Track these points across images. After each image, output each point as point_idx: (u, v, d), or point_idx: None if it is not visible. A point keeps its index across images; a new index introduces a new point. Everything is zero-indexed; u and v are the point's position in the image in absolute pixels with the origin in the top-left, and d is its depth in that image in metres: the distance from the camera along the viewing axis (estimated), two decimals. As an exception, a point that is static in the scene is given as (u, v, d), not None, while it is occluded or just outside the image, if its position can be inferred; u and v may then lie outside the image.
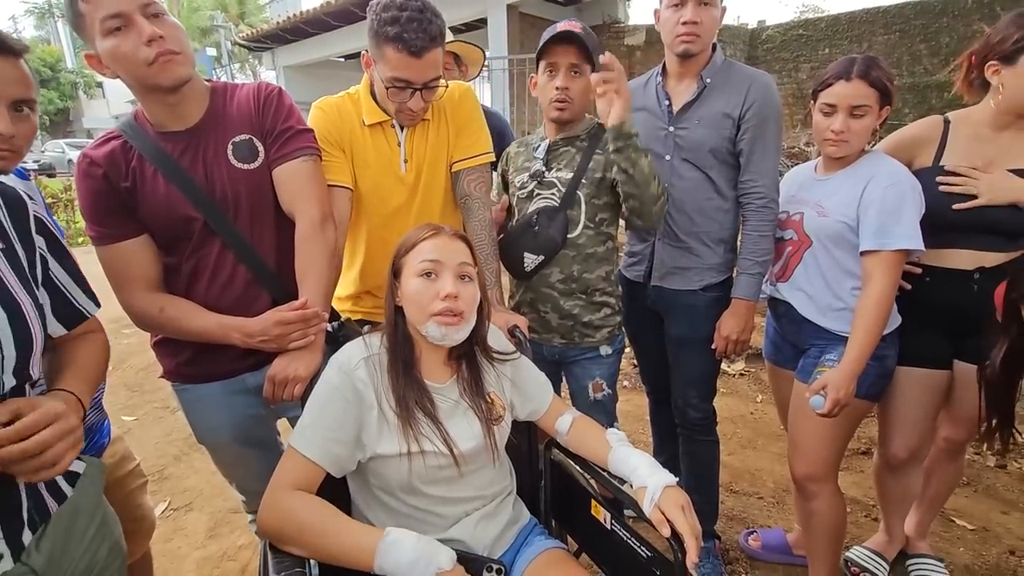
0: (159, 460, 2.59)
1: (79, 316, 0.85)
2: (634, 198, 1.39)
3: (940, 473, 1.73)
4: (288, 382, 1.12)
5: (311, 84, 10.66)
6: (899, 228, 1.29)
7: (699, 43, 1.48)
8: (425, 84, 1.28)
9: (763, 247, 1.52)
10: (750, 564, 1.87)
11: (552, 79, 1.45)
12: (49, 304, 0.83)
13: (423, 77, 1.27)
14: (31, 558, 0.69)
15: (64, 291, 0.83)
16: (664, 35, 1.55)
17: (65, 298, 0.83)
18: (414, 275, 1.02)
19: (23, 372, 0.71)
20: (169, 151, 1.14)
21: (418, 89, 1.28)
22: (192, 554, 2.00)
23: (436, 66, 1.29)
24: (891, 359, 1.44)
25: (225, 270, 1.20)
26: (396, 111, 1.34)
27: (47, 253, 0.81)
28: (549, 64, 1.45)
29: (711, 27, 1.48)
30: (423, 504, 1.06)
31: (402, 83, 1.27)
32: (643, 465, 1.04)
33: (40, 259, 0.79)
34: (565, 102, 1.46)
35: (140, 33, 1.01)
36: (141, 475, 1.37)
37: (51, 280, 0.81)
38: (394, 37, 1.20)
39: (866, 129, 1.35)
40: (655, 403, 2.00)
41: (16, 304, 0.69)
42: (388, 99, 1.32)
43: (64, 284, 0.83)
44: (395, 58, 1.23)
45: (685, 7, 1.45)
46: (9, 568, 0.68)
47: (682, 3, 1.46)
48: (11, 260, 0.73)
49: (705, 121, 1.53)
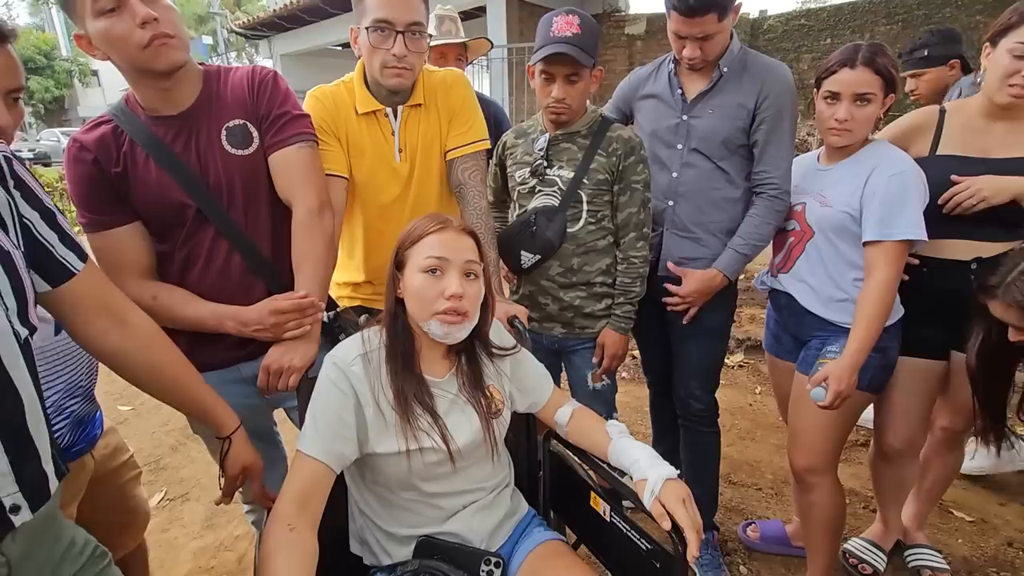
0: (155, 450, 2.58)
1: (64, 271, 0.79)
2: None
3: (938, 463, 1.73)
4: (283, 372, 1.11)
5: (308, 73, 10.56)
6: (902, 218, 1.27)
7: (706, 61, 1.48)
8: (407, 27, 1.26)
9: (761, 233, 1.51)
10: (748, 555, 1.87)
11: (548, 86, 1.42)
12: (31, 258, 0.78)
13: (404, 18, 1.25)
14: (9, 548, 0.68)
15: (46, 244, 0.77)
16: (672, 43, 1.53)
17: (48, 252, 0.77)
18: (419, 270, 0.99)
19: (26, 321, 0.70)
20: (161, 136, 1.12)
21: (400, 32, 1.25)
22: (189, 544, 1.99)
23: (418, 12, 1.27)
24: (893, 351, 1.43)
25: (219, 258, 1.17)
26: (381, 67, 1.29)
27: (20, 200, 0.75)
28: (544, 72, 1.42)
29: (719, 44, 1.46)
30: (420, 498, 1.05)
31: (383, 24, 1.24)
32: (644, 457, 1.03)
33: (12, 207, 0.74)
34: (563, 111, 1.44)
35: (134, 15, 0.98)
36: (135, 466, 1.35)
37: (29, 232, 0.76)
38: None
39: (870, 118, 1.33)
40: (656, 395, 2.00)
41: (4, 251, 0.67)
42: (372, 53, 1.28)
43: (46, 238, 0.77)
44: (376, 0, 1.23)
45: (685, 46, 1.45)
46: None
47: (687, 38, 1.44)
48: None
49: (719, 111, 1.50)
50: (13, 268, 0.68)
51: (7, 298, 0.66)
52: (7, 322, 0.66)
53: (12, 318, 0.67)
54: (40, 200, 0.78)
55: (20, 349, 0.68)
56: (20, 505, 0.67)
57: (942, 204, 1.37)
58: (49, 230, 0.78)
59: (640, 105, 1.68)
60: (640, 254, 1.50)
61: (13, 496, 0.66)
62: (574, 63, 1.37)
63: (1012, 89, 1.28)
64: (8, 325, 0.66)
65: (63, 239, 0.79)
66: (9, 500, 0.65)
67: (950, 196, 1.36)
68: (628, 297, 1.51)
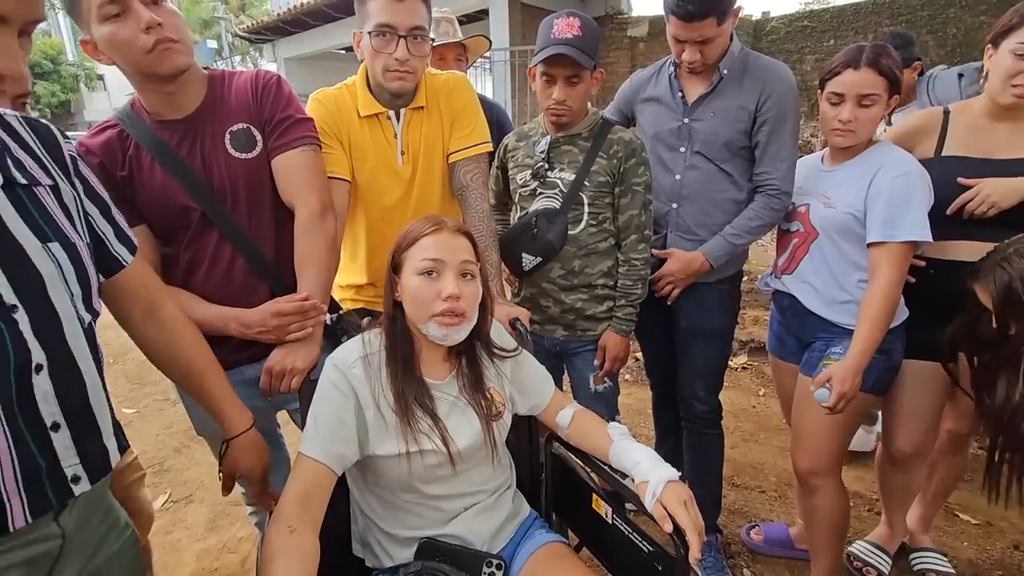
0: (159, 452, 2.59)
1: (116, 264, 0.85)
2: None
3: (944, 466, 1.72)
4: (285, 374, 1.11)
5: (312, 76, 10.59)
6: (907, 220, 1.27)
7: (706, 64, 1.48)
8: (409, 32, 1.27)
9: (752, 227, 1.52)
10: (752, 558, 1.86)
11: (549, 88, 1.43)
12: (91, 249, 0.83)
13: (406, 23, 1.26)
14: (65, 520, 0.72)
15: (103, 237, 0.82)
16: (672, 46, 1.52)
17: (103, 245, 0.83)
18: (415, 273, 0.99)
19: (90, 307, 0.75)
20: (166, 140, 1.13)
21: (402, 36, 1.26)
22: (192, 546, 2.00)
23: (420, 16, 1.28)
24: (898, 353, 1.42)
25: (223, 261, 1.18)
26: (383, 71, 1.30)
27: (83, 195, 0.80)
28: (545, 74, 1.42)
29: (719, 48, 1.46)
30: (421, 500, 1.06)
31: (386, 28, 1.25)
32: (645, 460, 1.02)
33: (78, 201, 0.79)
34: (563, 113, 1.45)
35: (138, 20, 0.99)
36: (139, 468, 1.36)
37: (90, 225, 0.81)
38: None
39: (874, 119, 1.33)
40: (659, 397, 1.99)
41: (71, 243, 0.72)
42: (375, 57, 1.29)
43: (103, 231, 0.83)
44: (378, 5, 1.24)
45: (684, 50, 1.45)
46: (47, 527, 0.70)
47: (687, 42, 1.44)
48: (58, 199, 0.74)
49: (720, 113, 1.50)
50: (79, 257, 0.72)
51: (72, 285, 0.71)
52: (72, 308, 0.70)
53: (77, 303, 0.71)
54: (100, 196, 0.83)
55: (84, 333, 0.72)
56: (80, 476, 0.72)
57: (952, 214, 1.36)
58: (106, 224, 0.83)
59: (642, 108, 1.68)
60: (641, 256, 1.50)
61: (74, 467, 0.71)
62: (574, 65, 1.37)
63: (1015, 89, 1.28)
64: (73, 310, 0.71)
65: (117, 233, 0.85)
66: (71, 471, 0.71)
67: (961, 204, 1.35)
68: (629, 299, 1.51)
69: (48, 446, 0.68)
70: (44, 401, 0.67)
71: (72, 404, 0.71)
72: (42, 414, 0.67)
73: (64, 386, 0.69)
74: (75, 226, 0.75)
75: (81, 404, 0.72)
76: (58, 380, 0.68)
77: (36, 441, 0.67)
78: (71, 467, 0.71)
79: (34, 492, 0.66)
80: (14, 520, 0.64)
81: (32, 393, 0.66)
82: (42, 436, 0.67)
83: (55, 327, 0.68)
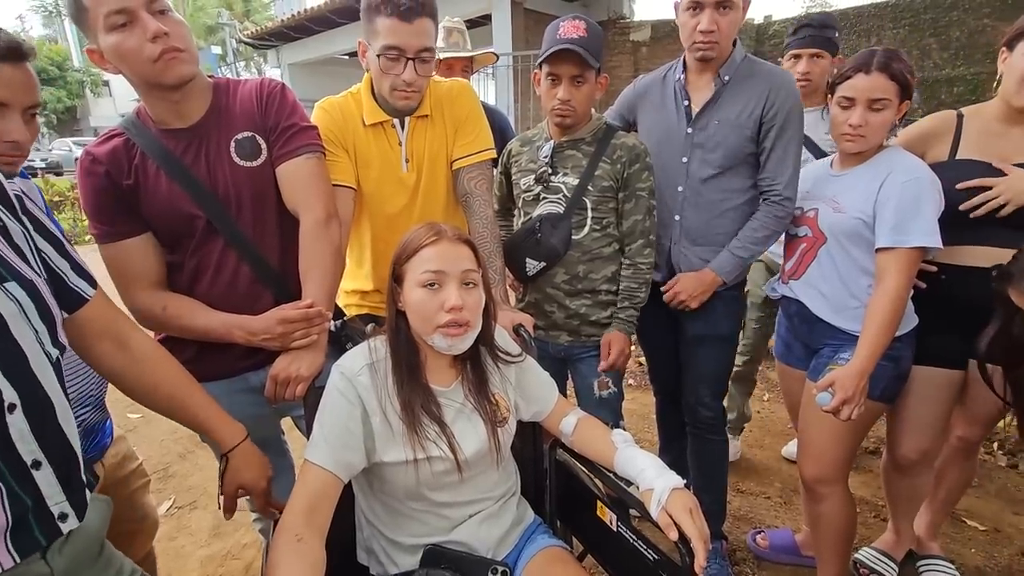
0: (164, 458, 2.60)
1: (78, 298, 0.84)
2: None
3: (952, 473, 1.70)
4: (290, 381, 1.11)
5: (316, 82, 10.65)
6: (916, 225, 1.26)
7: (717, 48, 1.46)
8: (417, 54, 1.27)
9: (758, 237, 1.51)
10: (757, 564, 1.85)
11: (554, 88, 1.43)
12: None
13: (415, 45, 1.26)
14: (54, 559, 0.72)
15: (60, 273, 0.82)
16: (682, 36, 1.52)
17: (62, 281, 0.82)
18: (417, 285, 0.99)
19: (56, 342, 0.74)
20: (171, 148, 1.13)
21: (410, 59, 1.27)
22: (196, 552, 2.00)
23: (428, 36, 1.28)
24: (907, 360, 1.41)
25: (228, 268, 1.19)
26: (391, 89, 1.31)
27: (34, 233, 0.80)
28: (551, 74, 1.43)
29: (730, 31, 1.45)
30: (427, 507, 1.05)
31: (394, 51, 1.26)
32: (650, 467, 1.02)
33: (28, 239, 0.78)
34: (568, 113, 1.45)
35: (145, 29, 0.99)
36: (144, 475, 1.36)
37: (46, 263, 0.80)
38: (384, 3, 1.22)
39: (885, 123, 1.32)
40: (663, 403, 1.99)
41: (28, 280, 0.71)
42: (382, 76, 1.30)
43: (59, 267, 0.82)
44: (387, 25, 1.24)
45: (702, 12, 1.42)
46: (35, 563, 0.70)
47: (699, 8, 1.42)
48: (7, 239, 0.73)
49: (725, 122, 1.50)
50: (38, 294, 0.71)
51: (36, 322, 0.70)
52: (38, 345, 0.70)
53: (43, 340, 0.71)
54: (52, 233, 0.82)
55: (53, 368, 0.72)
56: (68, 513, 0.72)
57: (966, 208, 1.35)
58: (62, 259, 0.82)
59: (645, 116, 1.68)
60: (647, 261, 1.50)
61: (61, 505, 0.71)
62: (580, 63, 1.37)
63: None
64: (40, 347, 0.70)
65: (75, 267, 0.84)
66: (57, 508, 0.71)
67: (980, 202, 1.33)
68: (632, 302, 1.51)
69: (31, 484, 0.68)
70: (21, 440, 0.67)
71: (50, 440, 0.70)
72: (20, 453, 0.67)
73: (39, 424, 0.69)
74: (30, 264, 0.74)
75: (59, 440, 0.72)
76: (33, 418, 0.68)
77: (18, 480, 0.66)
78: (57, 505, 0.70)
79: (21, 531, 0.66)
80: (1, 561, 0.64)
81: (8, 432, 0.65)
82: (24, 475, 0.67)
83: (23, 365, 0.68)
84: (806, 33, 1.98)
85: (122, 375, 0.93)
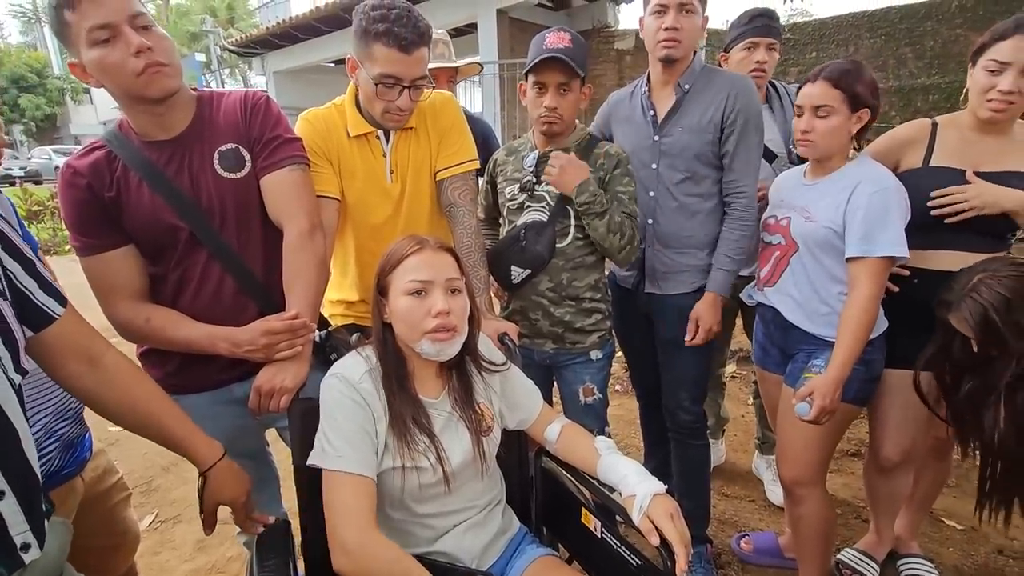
0: (147, 471, 2.56)
1: (44, 317, 0.81)
2: (600, 247, 1.49)
3: (929, 472, 1.74)
4: (275, 393, 1.11)
5: (301, 89, 10.63)
6: (884, 235, 1.30)
7: (681, 48, 1.51)
8: (413, 82, 1.29)
9: (740, 246, 1.56)
10: (742, 568, 1.87)
11: (541, 97, 1.46)
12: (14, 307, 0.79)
13: (412, 74, 1.28)
14: None
15: (26, 292, 0.79)
16: (647, 42, 1.57)
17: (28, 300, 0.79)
18: (403, 294, 1.00)
19: (19, 368, 0.72)
20: (154, 160, 1.13)
21: (406, 87, 1.29)
22: (180, 567, 1.97)
23: (423, 64, 1.30)
24: (878, 363, 1.45)
25: (211, 280, 1.19)
26: (383, 112, 1.33)
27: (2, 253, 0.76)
28: (537, 82, 1.46)
29: (692, 34, 1.51)
30: (410, 518, 1.06)
31: (391, 80, 1.27)
32: (632, 473, 1.04)
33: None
34: (555, 120, 1.47)
35: (128, 44, 1.00)
36: (124, 488, 1.34)
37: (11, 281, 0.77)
38: (384, 32, 1.22)
39: (832, 130, 1.37)
40: (646, 407, 2.01)
41: None
42: (376, 99, 1.31)
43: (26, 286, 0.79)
44: (385, 54, 1.24)
45: (667, 14, 1.48)
46: None
47: (664, 10, 1.48)
48: None
49: (688, 128, 1.55)
50: (2, 319, 0.69)
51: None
52: (1, 372, 0.67)
53: (6, 367, 0.69)
54: (20, 250, 0.79)
55: (16, 395, 0.70)
56: (31, 544, 0.70)
57: (933, 206, 1.40)
58: (29, 278, 0.79)
59: (617, 129, 1.73)
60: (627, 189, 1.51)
61: (24, 535, 0.69)
62: (566, 71, 1.40)
63: (990, 104, 1.32)
64: (2, 374, 0.68)
65: (43, 286, 0.81)
66: (20, 539, 0.68)
67: (942, 194, 1.38)
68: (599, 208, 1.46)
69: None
70: None
71: (13, 469, 0.68)
72: None
73: (2, 453, 0.67)
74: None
75: (23, 468, 0.70)
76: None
77: None
78: (20, 535, 0.68)
79: None
80: None
81: None
82: None
83: None
84: (762, 22, 1.93)
85: (94, 395, 0.89)
